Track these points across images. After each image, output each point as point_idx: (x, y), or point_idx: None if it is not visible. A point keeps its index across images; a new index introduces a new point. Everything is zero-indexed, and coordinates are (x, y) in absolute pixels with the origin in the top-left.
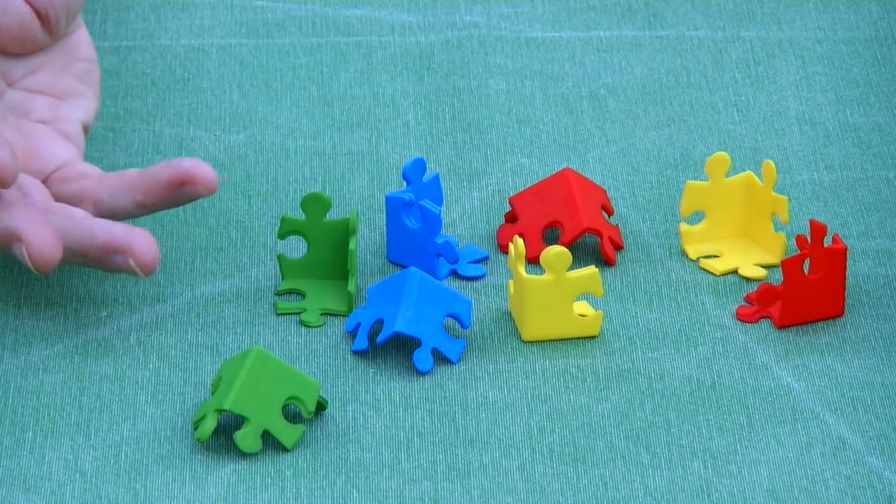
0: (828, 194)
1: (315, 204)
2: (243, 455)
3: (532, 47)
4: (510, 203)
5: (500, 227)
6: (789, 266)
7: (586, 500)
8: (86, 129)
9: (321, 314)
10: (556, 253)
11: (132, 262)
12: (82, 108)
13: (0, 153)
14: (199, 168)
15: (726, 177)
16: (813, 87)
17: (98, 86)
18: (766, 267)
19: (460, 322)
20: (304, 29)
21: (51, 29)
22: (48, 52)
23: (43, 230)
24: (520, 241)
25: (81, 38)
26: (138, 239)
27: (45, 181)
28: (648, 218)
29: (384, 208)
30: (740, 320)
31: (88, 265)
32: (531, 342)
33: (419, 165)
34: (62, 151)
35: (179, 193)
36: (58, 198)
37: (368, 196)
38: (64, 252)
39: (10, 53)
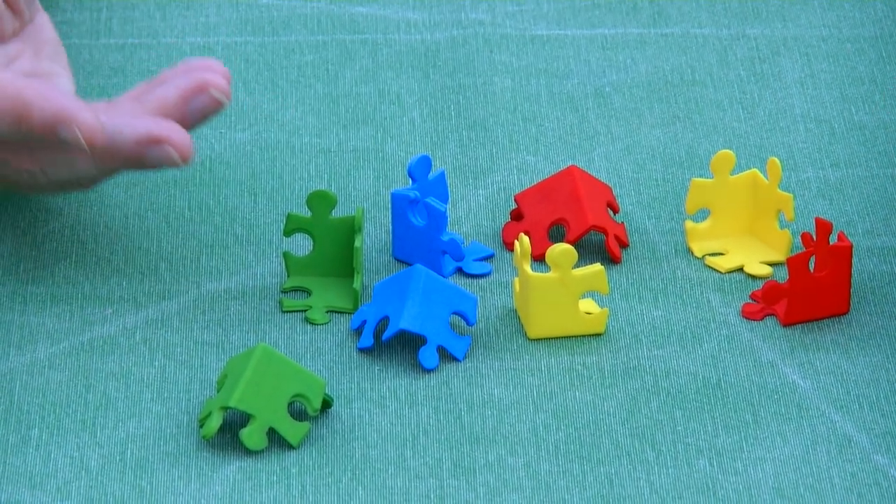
0: (833, 192)
1: (321, 201)
2: (249, 452)
3: (537, 45)
4: (516, 200)
5: (505, 225)
6: (795, 264)
7: (592, 497)
8: None
9: (327, 311)
10: (561, 250)
11: (170, 152)
12: (64, 85)
13: (87, 117)
14: (210, 65)
15: (732, 174)
16: (818, 84)
17: (67, 64)
18: (771, 264)
19: (466, 319)
20: (310, 27)
21: (16, 10)
22: (21, 38)
23: (87, 109)
24: (525, 238)
25: (43, 21)
26: (173, 129)
27: None
28: (654, 215)
29: (390, 206)
30: (746, 318)
31: (126, 167)
32: (537, 340)
33: (425, 163)
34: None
35: (193, 101)
36: None
37: (374, 193)
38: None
39: None
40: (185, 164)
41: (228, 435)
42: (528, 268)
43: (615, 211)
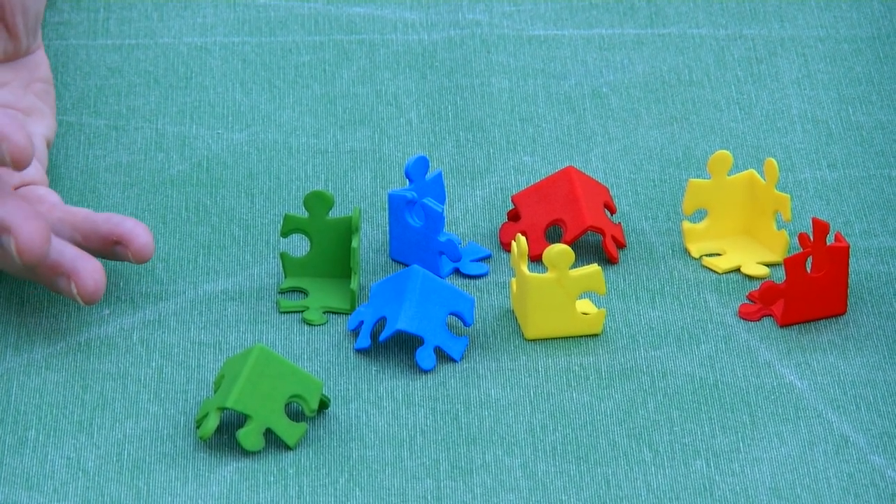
0: (830, 192)
1: (318, 202)
2: (246, 453)
3: (534, 45)
4: (513, 201)
5: (502, 226)
6: (792, 264)
7: (589, 498)
8: (48, 146)
9: (324, 312)
10: (558, 251)
11: (74, 289)
12: (44, 125)
13: (18, 136)
14: (136, 233)
15: (729, 175)
16: (815, 85)
17: (54, 106)
18: (768, 265)
19: (463, 320)
20: (307, 27)
21: (9, 29)
22: (12, 68)
23: (35, 224)
24: (522, 239)
25: (41, 59)
26: (86, 265)
27: None
28: (651, 216)
29: (387, 206)
30: (743, 318)
31: (36, 279)
32: (534, 340)
33: (422, 163)
34: (30, 168)
35: (113, 250)
36: None
37: (371, 194)
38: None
39: None
40: (28, 261)
41: (225, 435)
42: (525, 268)
43: (612, 211)
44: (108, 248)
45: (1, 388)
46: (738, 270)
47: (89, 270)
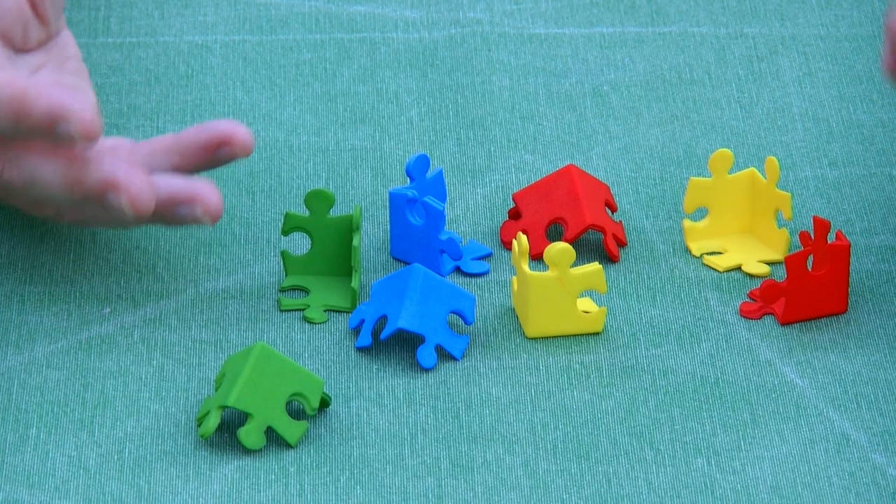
0: (831, 191)
1: (319, 200)
2: (247, 451)
3: (535, 44)
4: (514, 199)
5: (503, 224)
6: (793, 263)
7: (590, 496)
8: None
9: (325, 310)
10: (559, 249)
11: (199, 211)
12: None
13: (87, 110)
14: (236, 130)
15: (729, 173)
16: (816, 83)
17: (90, 80)
18: (769, 263)
19: (464, 318)
20: (308, 25)
21: (43, 20)
22: (45, 50)
23: (138, 175)
24: (523, 237)
25: (68, 38)
26: (203, 189)
27: None
28: (652, 214)
29: (388, 205)
30: (744, 317)
31: (151, 222)
32: (535, 339)
33: (423, 162)
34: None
35: (217, 155)
36: None
37: (372, 192)
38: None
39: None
40: (139, 213)
41: (226, 434)
42: (526, 267)
43: (613, 210)
44: (211, 156)
45: (2, 387)
46: (738, 269)
47: (207, 189)
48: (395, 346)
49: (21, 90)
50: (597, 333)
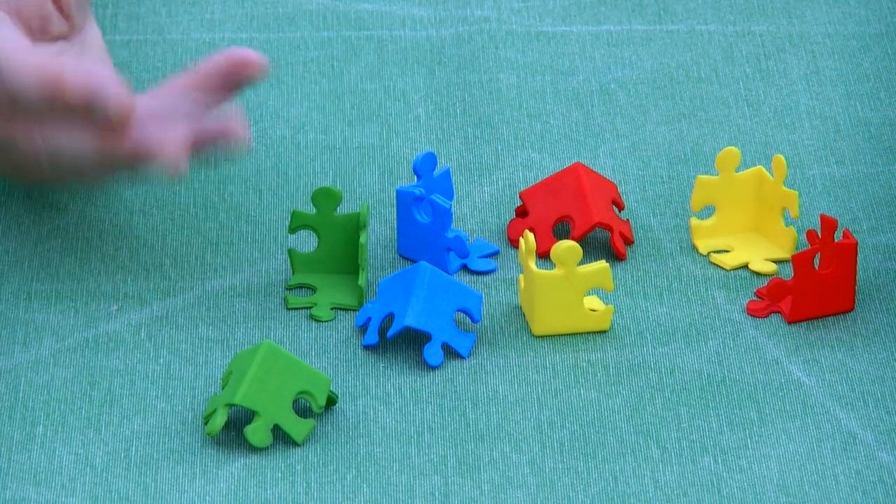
0: (838, 189)
1: (326, 198)
2: (254, 449)
3: (542, 42)
4: (521, 198)
5: (510, 222)
6: (800, 261)
7: (596, 494)
8: None
9: (332, 308)
10: (566, 247)
11: (231, 146)
12: None
13: (121, 90)
14: (247, 51)
15: (737, 172)
16: (823, 81)
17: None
18: (776, 262)
19: (471, 316)
20: (315, 23)
21: (65, 14)
22: (66, 47)
23: (170, 139)
24: (530, 235)
25: (93, 32)
26: (230, 124)
27: None
28: (659, 213)
29: (395, 202)
30: (751, 315)
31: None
32: (542, 337)
33: (430, 160)
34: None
35: (237, 80)
36: None
37: (379, 190)
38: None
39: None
40: (177, 176)
41: (233, 432)
42: (533, 265)
43: (620, 208)
44: (230, 83)
45: (9, 385)
46: (745, 267)
47: (233, 124)
48: (402, 344)
49: (57, 70)
50: (603, 331)
